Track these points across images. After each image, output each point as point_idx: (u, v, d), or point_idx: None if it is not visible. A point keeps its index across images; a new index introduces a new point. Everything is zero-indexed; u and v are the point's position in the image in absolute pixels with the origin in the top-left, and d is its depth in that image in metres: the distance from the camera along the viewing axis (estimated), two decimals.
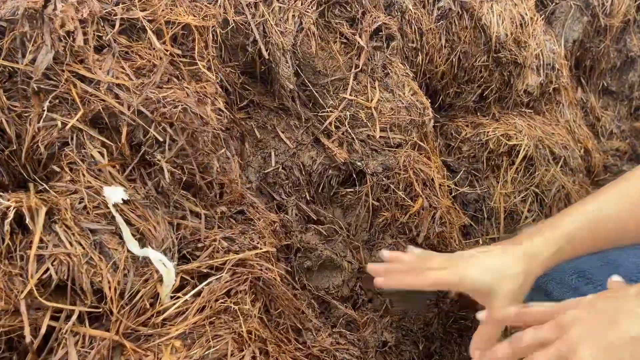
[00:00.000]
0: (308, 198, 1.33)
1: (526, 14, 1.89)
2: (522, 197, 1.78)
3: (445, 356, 1.42)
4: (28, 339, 0.80)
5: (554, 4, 2.09)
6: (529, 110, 1.96)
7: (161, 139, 0.98)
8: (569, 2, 2.08)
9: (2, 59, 0.94)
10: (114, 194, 0.93)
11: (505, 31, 1.83)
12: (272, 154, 1.33)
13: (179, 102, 0.99)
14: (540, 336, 0.67)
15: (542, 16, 2.02)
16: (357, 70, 1.35)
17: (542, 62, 1.94)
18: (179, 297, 0.93)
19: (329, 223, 1.31)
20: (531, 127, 1.87)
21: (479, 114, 1.92)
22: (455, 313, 1.43)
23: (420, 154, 1.43)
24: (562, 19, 2.09)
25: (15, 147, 0.97)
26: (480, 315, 0.81)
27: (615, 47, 2.28)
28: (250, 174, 1.30)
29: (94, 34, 1.00)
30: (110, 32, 1.03)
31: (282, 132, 1.35)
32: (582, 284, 0.95)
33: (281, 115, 1.37)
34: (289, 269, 1.19)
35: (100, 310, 0.88)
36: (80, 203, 0.93)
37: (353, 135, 1.35)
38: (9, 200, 0.86)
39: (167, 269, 0.91)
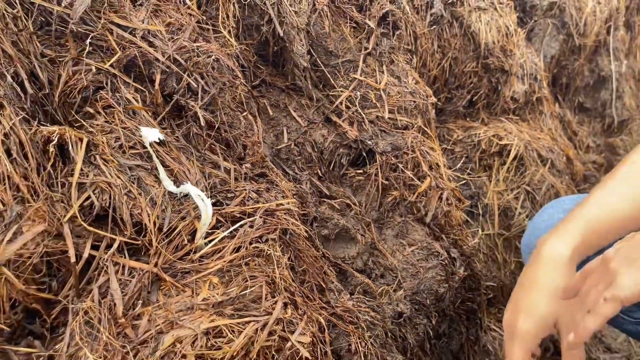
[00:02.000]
0: (320, 174, 1.35)
1: (510, 25, 1.99)
2: (515, 195, 1.83)
3: (453, 337, 1.42)
4: (73, 258, 0.78)
5: (533, 21, 2.21)
6: (515, 117, 2.04)
7: (195, 85, 0.99)
8: (547, 20, 2.21)
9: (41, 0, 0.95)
10: (151, 133, 0.93)
11: (493, 39, 1.92)
12: (285, 131, 1.35)
13: (212, 52, 1.01)
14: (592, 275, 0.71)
15: (523, 31, 2.13)
16: (366, 52, 1.40)
17: (526, 72, 2.04)
18: (214, 237, 0.92)
19: (341, 198, 1.33)
20: (519, 131, 1.95)
21: (468, 119, 1.99)
22: (463, 294, 1.44)
23: (426, 138, 1.47)
24: (541, 36, 2.21)
25: (47, 91, 0.96)
26: None
27: (588, 66, 2.41)
28: (264, 149, 1.31)
29: None
30: None
31: (294, 111, 1.37)
32: None
33: (292, 95, 1.39)
34: (308, 235, 1.19)
35: (139, 243, 0.86)
36: (116, 142, 0.92)
37: (363, 115, 1.38)
38: (52, 126, 0.85)
39: (205, 205, 0.91)
